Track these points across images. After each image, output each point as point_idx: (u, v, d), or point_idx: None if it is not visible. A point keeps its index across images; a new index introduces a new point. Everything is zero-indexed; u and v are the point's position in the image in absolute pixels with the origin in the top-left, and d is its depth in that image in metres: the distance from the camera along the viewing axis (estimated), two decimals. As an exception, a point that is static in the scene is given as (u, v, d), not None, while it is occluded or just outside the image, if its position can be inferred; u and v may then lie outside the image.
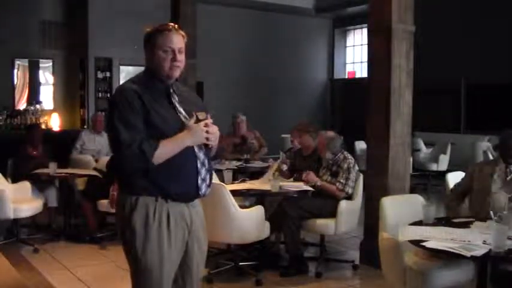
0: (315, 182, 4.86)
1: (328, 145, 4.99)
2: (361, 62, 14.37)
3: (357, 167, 5.00)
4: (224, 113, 11.47)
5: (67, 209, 6.19)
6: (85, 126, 9.96)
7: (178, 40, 2.49)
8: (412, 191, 5.34)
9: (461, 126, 11.60)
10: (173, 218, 2.44)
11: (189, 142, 2.43)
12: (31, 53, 10.30)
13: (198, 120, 2.46)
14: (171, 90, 2.52)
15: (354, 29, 14.79)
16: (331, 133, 5.13)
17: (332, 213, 4.78)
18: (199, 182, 2.50)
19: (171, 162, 2.40)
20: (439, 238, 3.01)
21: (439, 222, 3.43)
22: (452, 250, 2.80)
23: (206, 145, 2.51)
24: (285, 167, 5.44)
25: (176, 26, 2.55)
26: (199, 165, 2.49)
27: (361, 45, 14.45)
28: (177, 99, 2.52)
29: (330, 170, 4.98)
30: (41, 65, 10.62)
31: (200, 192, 2.53)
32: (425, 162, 9.90)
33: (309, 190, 4.84)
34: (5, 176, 5.81)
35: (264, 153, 7.32)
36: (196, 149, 2.49)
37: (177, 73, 2.51)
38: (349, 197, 4.89)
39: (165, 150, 2.38)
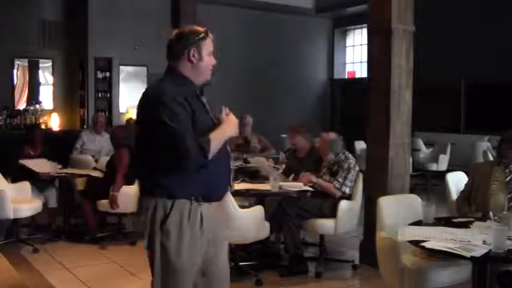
0: (311, 180, 4.87)
1: (330, 146, 5.00)
2: (361, 62, 14.36)
3: (357, 168, 5.00)
4: (224, 112, 11.53)
5: (67, 209, 6.18)
6: (85, 126, 9.96)
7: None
8: (412, 191, 5.33)
9: (461, 126, 11.60)
10: (206, 219, 2.43)
11: (229, 133, 2.45)
12: (31, 53, 10.29)
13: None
14: (197, 92, 2.54)
15: (354, 29, 14.79)
16: (332, 135, 5.13)
17: (332, 213, 4.79)
18: (231, 179, 2.53)
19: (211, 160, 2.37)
20: (439, 238, 3.00)
21: (438, 222, 3.43)
22: (452, 250, 2.80)
23: None
24: (280, 168, 5.40)
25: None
26: (231, 162, 2.51)
27: (361, 45, 14.44)
28: (204, 100, 2.53)
29: (330, 170, 4.99)
30: (40, 65, 10.61)
31: (228, 190, 2.53)
32: (425, 162, 9.90)
33: (308, 190, 4.84)
34: (4, 176, 5.81)
35: (271, 154, 7.25)
36: (228, 146, 2.49)
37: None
38: (349, 197, 4.89)
39: (215, 144, 2.37)
